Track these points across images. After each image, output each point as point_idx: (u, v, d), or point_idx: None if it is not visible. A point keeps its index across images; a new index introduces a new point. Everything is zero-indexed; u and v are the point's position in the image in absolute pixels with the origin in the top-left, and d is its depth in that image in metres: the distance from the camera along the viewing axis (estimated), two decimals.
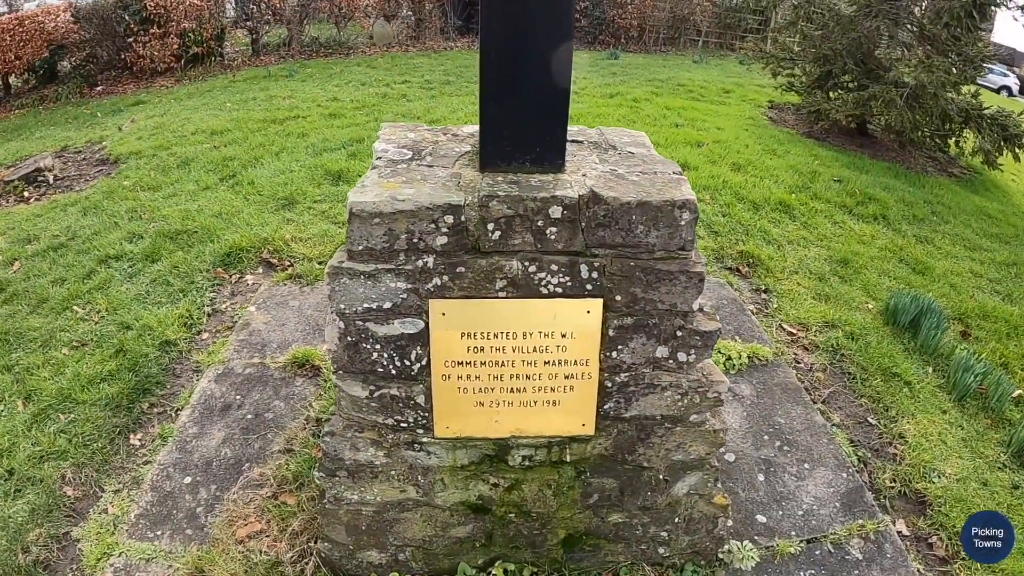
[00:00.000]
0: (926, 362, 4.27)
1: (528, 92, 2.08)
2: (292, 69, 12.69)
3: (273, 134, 7.76)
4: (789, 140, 8.45)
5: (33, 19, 13.84)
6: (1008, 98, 38.68)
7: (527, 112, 2.11)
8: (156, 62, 13.72)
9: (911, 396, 3.92)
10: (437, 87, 10.40)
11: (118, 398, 3.65)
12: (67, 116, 11.59)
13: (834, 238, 5.77)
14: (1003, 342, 4.71)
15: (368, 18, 15.91)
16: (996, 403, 3.98)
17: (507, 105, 2.09)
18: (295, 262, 4.81)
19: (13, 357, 4.11)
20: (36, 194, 7.19)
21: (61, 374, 3.87)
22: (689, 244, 2.14)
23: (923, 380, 4.06)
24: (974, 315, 5.01)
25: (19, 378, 3.91)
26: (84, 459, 3.29)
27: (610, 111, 8.75)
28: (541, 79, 2.06)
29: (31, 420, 3.54)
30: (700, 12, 18.77)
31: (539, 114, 2.12)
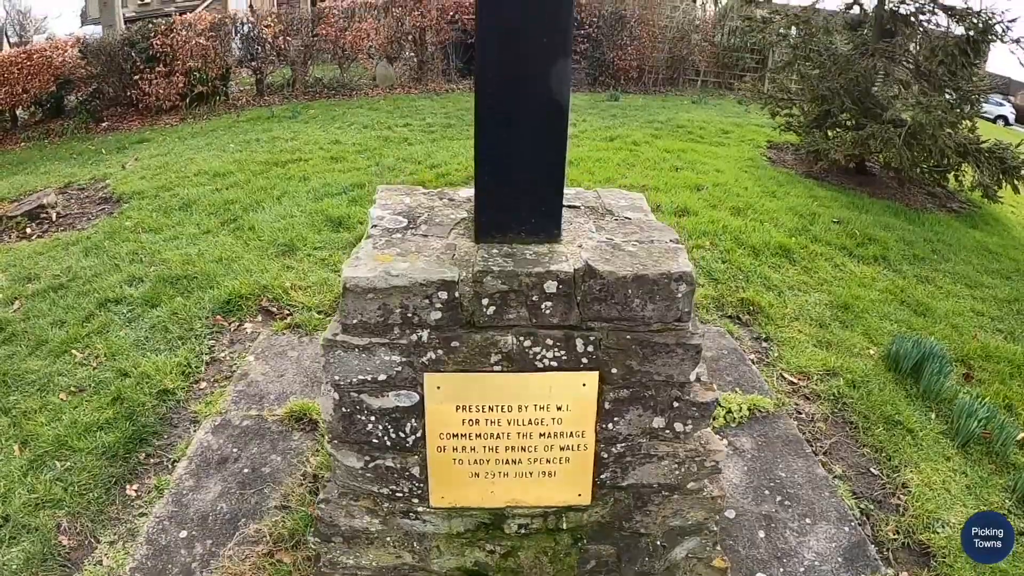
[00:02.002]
0: (929, 408, 4.23)
1: (523, 164, 2.09)
2: (295, 110, 12.80)
3: (275, 177, 7.81)
4: (788, 181, 8.46)
5: (41, 53, 14.04)
6: (1005, 127, 38.80)
7: (522, 184, 2.12)
8: (161, 100, 13.88)
9: (914, 444, 3.88)
10: (439, 130, 10.48)
11: (115, 447, 3.63)
12: (72, 151, 11.69)
13: (835, 282, 5.75)
14: (1006, 383, 4.68)
15: (371, 59, 16.10)
16: (1000, 447, 3.93)
17: (502, 177, 2.11)
18: (294, 311, 4.81)
19: (11, 399, 4.09)
20: (38, 231, 7.21)
21: (58, 420, 3.85)
22: (686, 316, 2.14)
23: (926, 427, 4.02)
24: (976, 356, 4.98)
25: (16, 422, 3.90)
26: (80, 508, 3.26)
27: (610, 155, 8.79)
28: (537, 151, 2.07)
29: (27, 466, 3.51)
30: (698, 52, 18.98)
31: (535, 186, 2.13)
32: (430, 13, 15.93)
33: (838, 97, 9.02)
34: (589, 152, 8.90)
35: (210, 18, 14.71)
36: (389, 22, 15.67)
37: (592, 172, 7.86)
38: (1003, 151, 8.57)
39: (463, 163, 8.04)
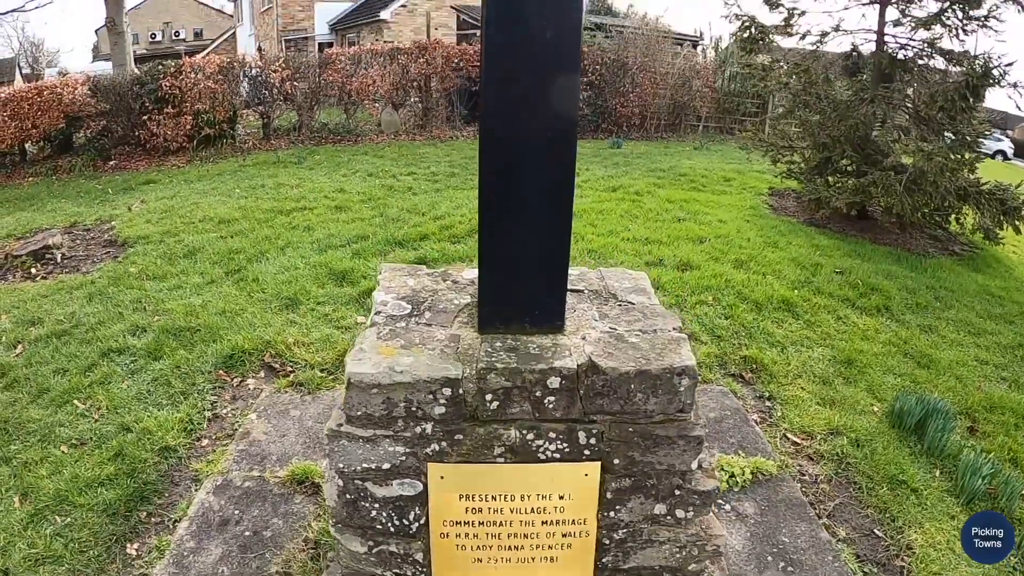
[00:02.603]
0: (933, 465, 4.21)
1: (527, 257, 2.13)
2: (301, 155, 12.92)
3: (280, 226, 7.87)
4: (790, 230, 8.49)
5: (52, 90, 14.23)
6: (1003, 162, 39.02)
7: (527, 277, 2.16)
8: (169, 141, 14.02)
9: (918, 504, 3.86)
10: (442, 179, 10.56)
11: (116, 504, 3.62)
12: (79, 190, 11.79)
13: (837, 336, 5.74)
14: (1011, 434, 4.66)
15: (377, 104, 16.28)
16: (1006, 503, 3.91)
17: (506, 270, 2.15)
18: (297, 368, 4.82)
19: (12, 449, 4.10)
20: (43, 272, 7.25)
21: (59, 473, 3.85)
22: (688, 407, 2.16)
23: (930, 485, 4.00)
24: (981, 408, 4.96)
25: (17, 472, 3.89)
26: (80, 566, 3.25)
27: (613, 206, 8.86)
28: (541, 242, 2.11)
29: (28, 519, 3.51)
30: (699, 98, 19.17)
31: (539, 278, 2.17)
32: (435, 61, 16.15)
33: (839, 144, 9.11)
34: (592, 203, 8.97)
35: (219, 61, 14.90)
36: (395, 69, 15.88)
37: (595, 224, 7.92)
38: (1003, 192, 8.61)
39: (467, 214, 8.11)
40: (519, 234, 2.12)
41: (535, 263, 2.16)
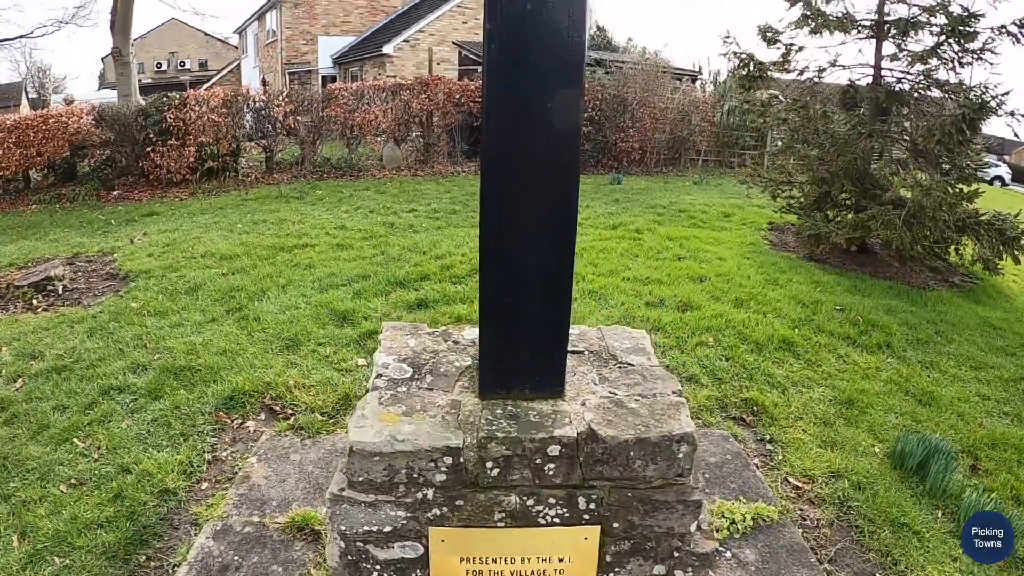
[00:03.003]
0: (935, 506, 4.20)
1: (528, 323, 2.17)
2: (303, 190, 13.02)
3: (281, 264, 7.92)
4: (790, 267, 8.51)
5: (57, 118, 14.40)
6: (1001, 188, 39.19)
7: (527, 344, 2.20)
8: (172, 173, 14.13)
9: (920, 546, 3.84)
10: (443, 216, 10.62)
11: (115, 547, 3.61)
12: (82, 219, 11.88)
13: (838, 375, 5.74)
14: (1013, 471, 4.63)
15: (379, 138, 16.41)
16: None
17: (506, 337, 2.19)
18: (298, 412, 4.84)
19: (11, 486, 4.09)
20: (44, 303, 7.27)
21: (59, 513, 3.84)
22: (687, 471, 2.19)
23: (932, 527, 3.98)
24: (983, 445, 4.94)
25: (16, 511, 3.89)
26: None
27: (613, 244, 8.92)
28: (542, 308, 2.15)
29: (27, 559, 3.49)
30: (699, 133, 19.34)
31: (540, 345, 2.21)
32: (437, 97, 16.31)
33: (837, 179, 9.18)
34: (593, 242, 9.02)
35: (223, 95, 15.06)
36: (397, 104, 16.04)
37: (596, 264, 7.97)
38: (1001, 222, 8.65)
39: (467, 253, 8.15)
40: (520, 300, 2.16)
41: (536, 328, 2.20)
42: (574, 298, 6.50)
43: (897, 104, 9.24)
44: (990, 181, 38.78)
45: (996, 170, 42.23)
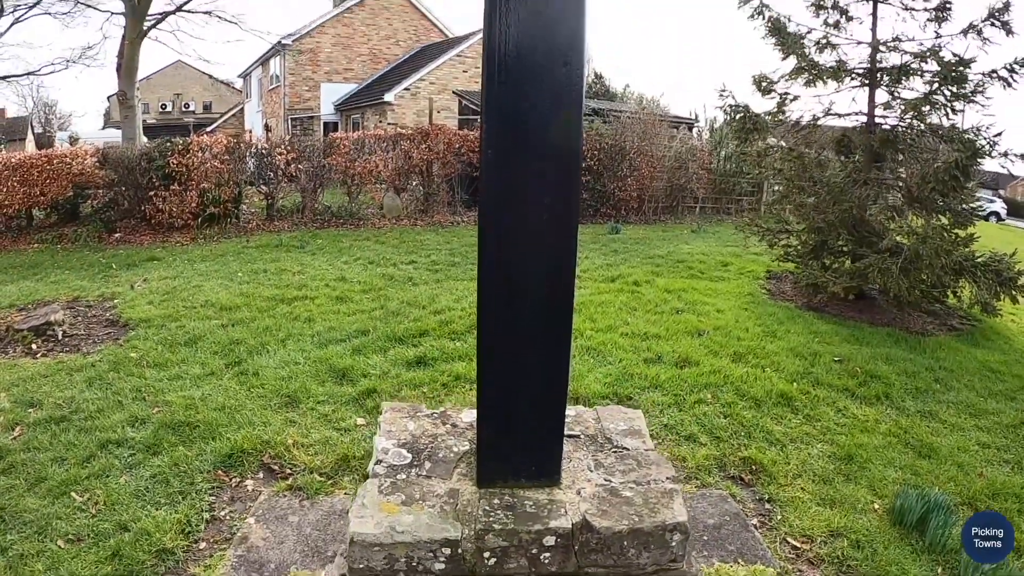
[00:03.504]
0: (935, 562, 4.19)
1: (525, 420, 2.23)
2: (304, 239, 13.14)
3: (281, 316, 8.00)
4: (788, 317, 8.56)
5: (61, 159, 14.64)
6: (998, 223, 39.28)
7: (524, 438, 2.26)
8: (174, 217, 14.26)
9: None
10: (443, 269, 10.71)
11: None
12: (83, 261, 12.00)
13: (837, 430, 5.74)
14: (1014, 521, 4.56)
15: (380, 185, 16.57)
16: None
17: (504, 432, 2.25)
18: (296, 472, 4.87)
19: (8, 538, 4.09)
20: (44, 348, 7.31)
21: (56, 569, 3.85)
22: (680, 557, 2.24)
23: None
24: (983, 496, 4.94)
25: (13, 564, 3.89)
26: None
27: (612, 297, 9.00)
28: (538, 407, 2.21)
29: None
30: (696, 180, 19.52)
31: (535, 439, 2.26)
32: (437, 147, 16.52)
33: (833, 228, 9.29)
34: (592, 295, 9.11)
35: (226, 142, 15.26)
36: (397, 154, 16.24)
37: (595, 319, 8.03)
38: (998, 263, 8.72)
39: (466, 308, 8.22)
40: (518, 398, 2.22)
41: (533, 422, 2.26)
42: (572, 355, 6.56)
43: (891, 151, 9.40)
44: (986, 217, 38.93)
45: (991, 206, 42.42)
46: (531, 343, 2.22)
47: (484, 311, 2.21)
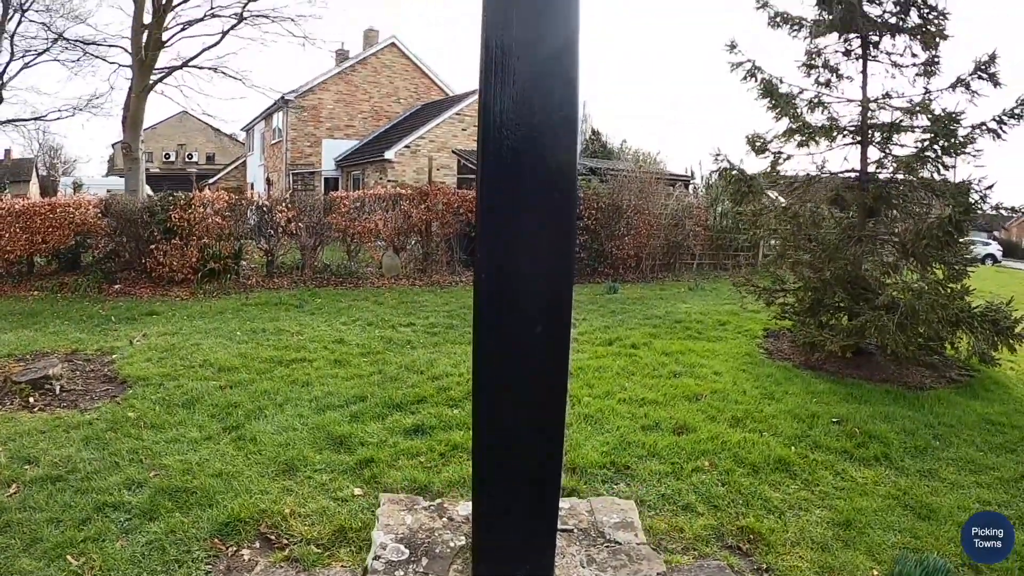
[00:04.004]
0: None
1: (518, 525, 2.28)
2: (303, 298, 13.26)
3: (279, 379, 8.03)
4: (786, 378, 8.58)
5: (64, 207, 14.91)
6: (993, 266, 39.27)
7: (517, 539, 2.30)
8: (174, 272, 14.39)
9: None
10: (440, 332, 10.78)
11: None
12: (82, 312, 12.09)
13: (836, 494, 5.72)
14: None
15: (379, 242, 16.73)
16: None
17: (498, 536, 2.29)
18: (292, 542, 4.86)
19: None
20: (41, 403, 7.32)
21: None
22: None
23: None
24: None
25: None
26: None
27: (609, 362, 9.05)
28: (531, 512, 2.26)
29: None
30: (693, 237, 19.75)
31: (529, 540, 2.30)
32: (436, 207, 16.76)
33: (829, 286, 9.39)
34: (589, 360, 9.16)
35: (227, 198, 15.48)
36: (397, 214, 16.45)
37: (592, 385, 8.07)
38: (995, 313, 8.78)
39: (464, 373, 8.26)
40: (512, 505, 2.27)
41: (527, 526, 2.30)
42: (569, 423, 6.59)
43: (885, 207, 9.56)
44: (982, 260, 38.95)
45: (986, 248, 42.53)
46: (524, 459, 2.28)
47: (479, 427, 2.28)
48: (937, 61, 9.20)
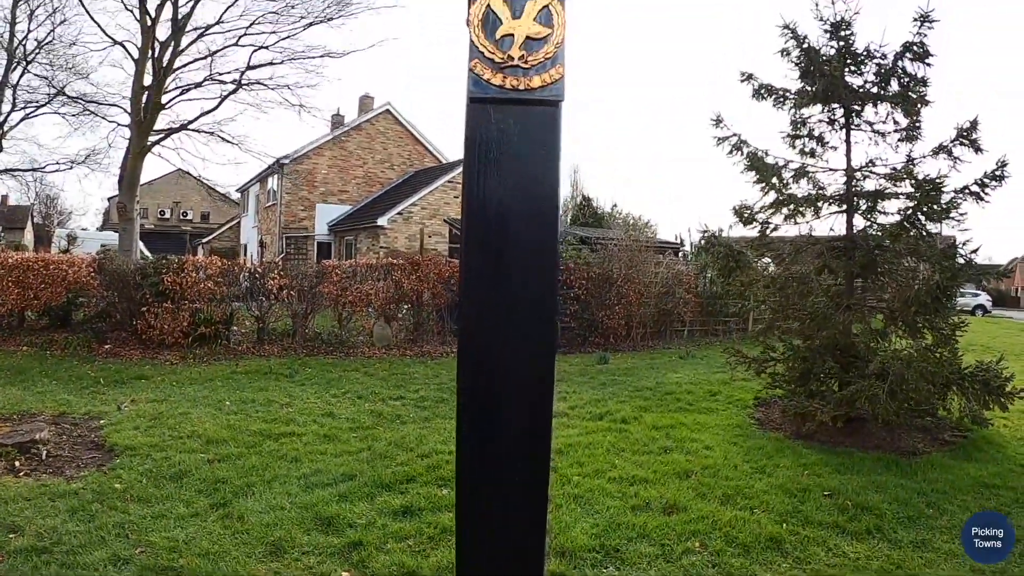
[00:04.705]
0: None
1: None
2: (293, 367, 13.28)
3: (267, 454, 7.99)
4: (777, 450, 8.57)
5: (58, 264, 15.08)
6: (984, 316, 39.17)
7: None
8: (165, 335, 14.46)
9: None
10: (430, 407, 10.78)
11: None
12: (71, 372, 12.13)
13: (828, 572, 5.64)
14: None
15: (369, 308, 16.79)
16: None
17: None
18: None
19: None
20: (27, 467, 7.28)
21: None
22: None
23: None
24: None
25: None
26: None
27: (599, 437, 9.03)
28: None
29: None
30: (683, 304, 19.88)
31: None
32: (428, 277, 16.96)
33: (819, 356, 9.45)
34: (579, 436, 9.13)
35: (220, 264, 15.63)
36: (388, 284, 16.57)
37: (582, 463, 8.04)
38: (985, 372, 8.79)
39: (454, 451, 8.16)
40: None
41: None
42: (559, 504, 6.60)
43: (872, 275, 9.69)
44: (972, 311, 39.01)
45: (976, 300, 42.53)
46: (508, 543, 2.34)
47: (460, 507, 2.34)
48: (919, 126, 9.43)
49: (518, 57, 3.51)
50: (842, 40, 9.65)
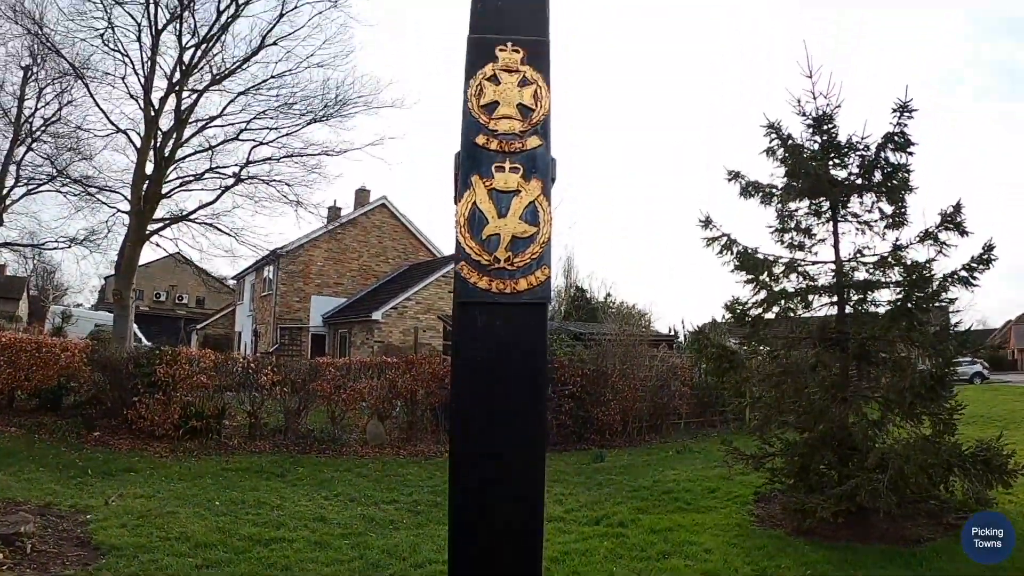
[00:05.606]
0: None
1: None
2: (285, 466, 13.18)
3: (256, 561, 7.80)
4: (778, 549, 8.39)
5: (51, 348, 15.06)
6: (982, 384, 38.47)
7: None
8: (156, 426, 14.34)
9: None
10: (424, 511, 10.55)
11: None
12: (59, 460, 12.01)
13: None
14: None
15: (363, 403, 16.72)
16: None
17: None
18: None
19: None
20: (11, 560, 7.10)
21: None
22: None
23: None
24: None
25: None
26: None
27: (596, 543, 8.83)
28: None
29: None
30: (679, 397, 19.79)
31: None
32: (422, 376, 17.00)
33: (817, 450, 9.37)
34: (575, 543, 8.89)
35: (213, 358, 15.69)
36: (382, 383, 16.60)
37: (578, 573, 7.86)
38: (986, 451, 8.68)
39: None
40: None
41: None
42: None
43: (867, 365, 9.69)
44: (970, 380, 38.49)
45: (973, 368, 42.00)
46: None
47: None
48: (904, 212, 9.61)
49: (504, 259, 3.64)
50: (825, 135, 9.94)
